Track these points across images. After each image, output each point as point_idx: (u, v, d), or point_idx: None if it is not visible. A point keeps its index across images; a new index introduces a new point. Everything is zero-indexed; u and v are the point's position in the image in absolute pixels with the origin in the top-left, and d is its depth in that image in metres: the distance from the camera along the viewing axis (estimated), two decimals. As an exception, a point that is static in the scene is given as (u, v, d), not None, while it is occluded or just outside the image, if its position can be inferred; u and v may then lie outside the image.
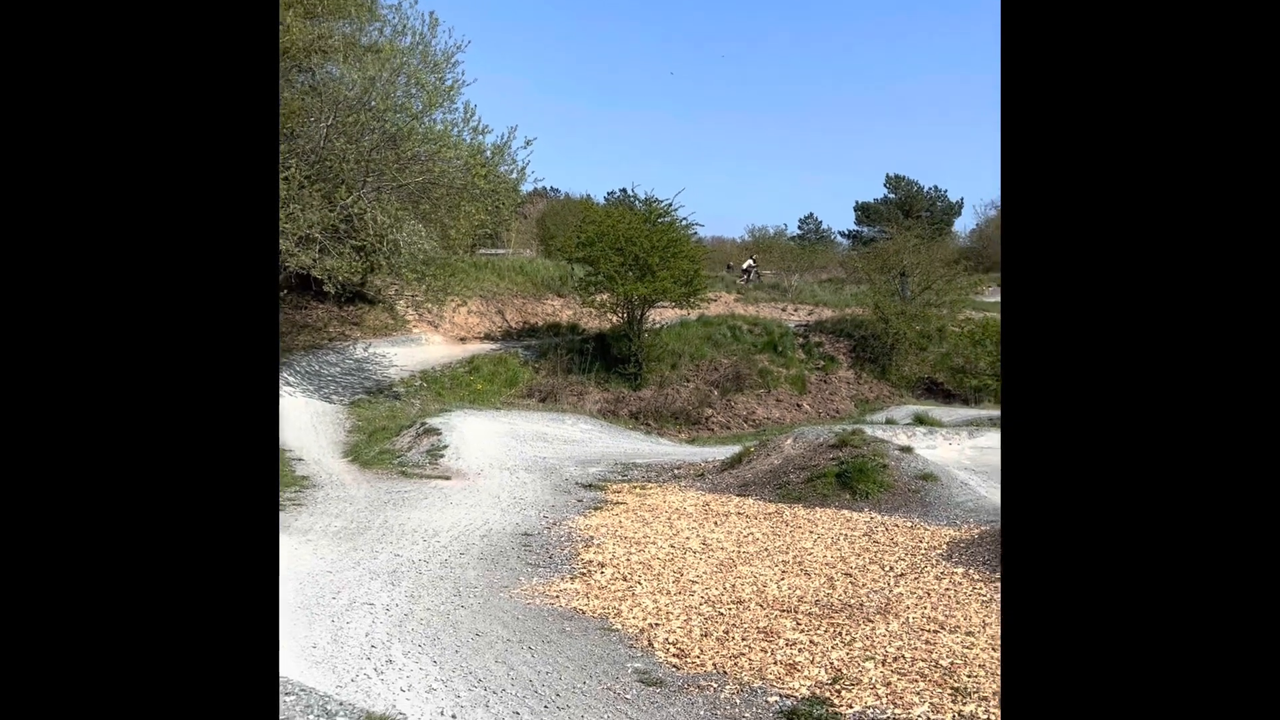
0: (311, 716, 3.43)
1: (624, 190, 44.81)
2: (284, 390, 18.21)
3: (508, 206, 21.83)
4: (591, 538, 9.38)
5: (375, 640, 6.03)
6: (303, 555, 8.22)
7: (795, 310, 28.49)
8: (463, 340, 23.69)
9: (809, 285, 32.30)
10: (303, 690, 3.76)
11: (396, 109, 18.60)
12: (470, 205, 19.70)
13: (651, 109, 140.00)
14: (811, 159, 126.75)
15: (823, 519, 10.31)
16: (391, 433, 15.64)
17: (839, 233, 60.57)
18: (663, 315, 24.17)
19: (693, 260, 23.21)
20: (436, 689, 5.26)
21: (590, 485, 12.67)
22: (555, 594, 7.36)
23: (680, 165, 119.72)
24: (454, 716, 4.84)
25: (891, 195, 58.12)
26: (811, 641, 6.19)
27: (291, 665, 4.77)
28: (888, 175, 60.34)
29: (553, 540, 9.30)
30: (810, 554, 8.72)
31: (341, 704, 3.64)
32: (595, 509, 11.01)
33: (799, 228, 59.55)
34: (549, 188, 48.84)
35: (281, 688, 3.78)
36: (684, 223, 23.83)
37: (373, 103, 18.13)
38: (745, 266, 35.26)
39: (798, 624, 6.58)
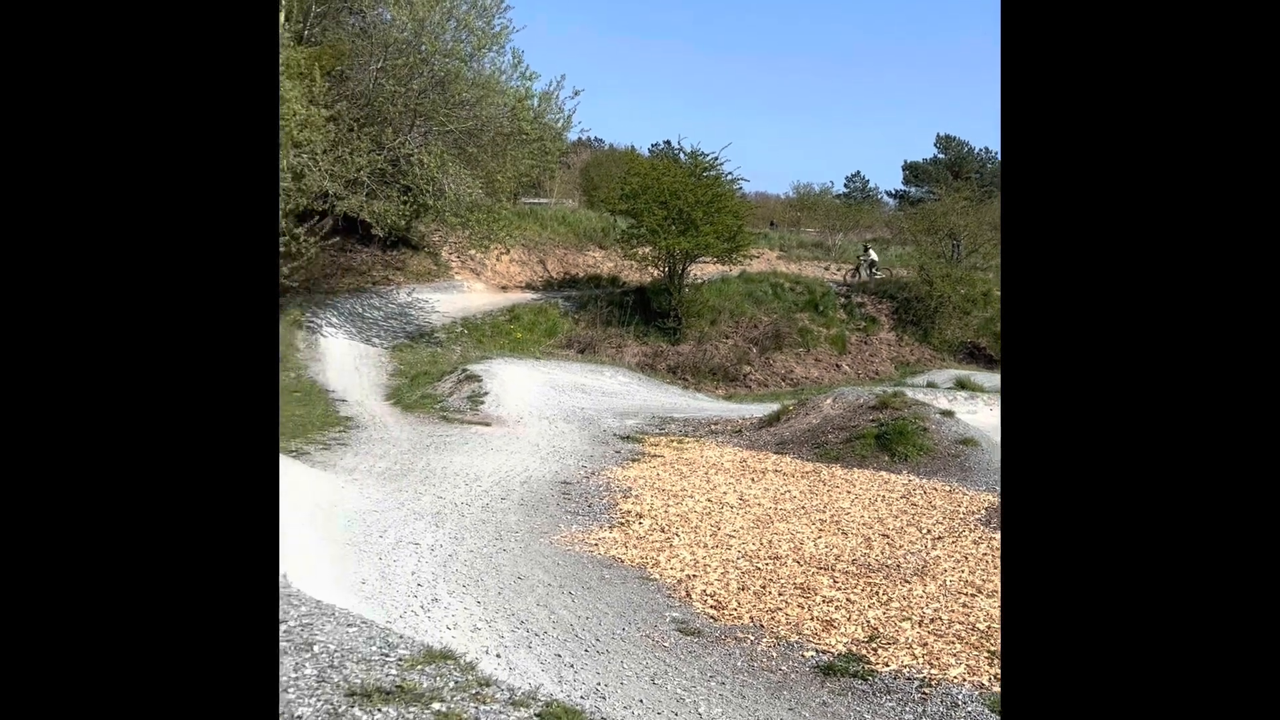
0: (374, 647, 3.54)
1: (668, 143, 44.39)
2: (328, 332, 18.46)
3: (553, 155, 21.76)
4: (629, 489, 9.48)
5: (421, 579, 6.17)
6: (349, 494, 8.39)
7: (838, 269, 28.23)
8: (504, 289, 23.79)
9: (853, 244, 31.94)
10: (364, 623, 3.89)
11: (445, 53, 18.53)
12: (516, 152, 19.65)
13: (702, 58, 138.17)
14: (861, 117, 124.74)
15: (861, 479, 10.32)
16: (433, 378, 15.82)
17: (886, 192, 59.69)
18: (704, 270, 24.05)
19: (736, 216, 23.00)
20: (481, 629, 5.39)
21: (628, 437, 12.76)
22: (594, 542, 7.47)
23: (726, 119, 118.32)
24: (498, 655, 4.97)
25: (941, 155, 57.09)
26: (848, 600, 6.24)
27: (343, 599, 4.90)
28: (938, 135, 59.22)
29: (591, 490, 9.41)
30: (848, 514, 8.75)
31: (401, 637, 3.75)
32: (633, 461, 11.11)
33: (845, 186, 58.78)
34: (594, 138, 48.45)
35: (344, 619, 3.91)
36: (729, 177, 23.60)
37: (422, 46, 18.07)
38: (861, 258, 27.37)
39: (834, 582, 6.63)
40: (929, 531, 8.18)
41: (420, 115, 18.69)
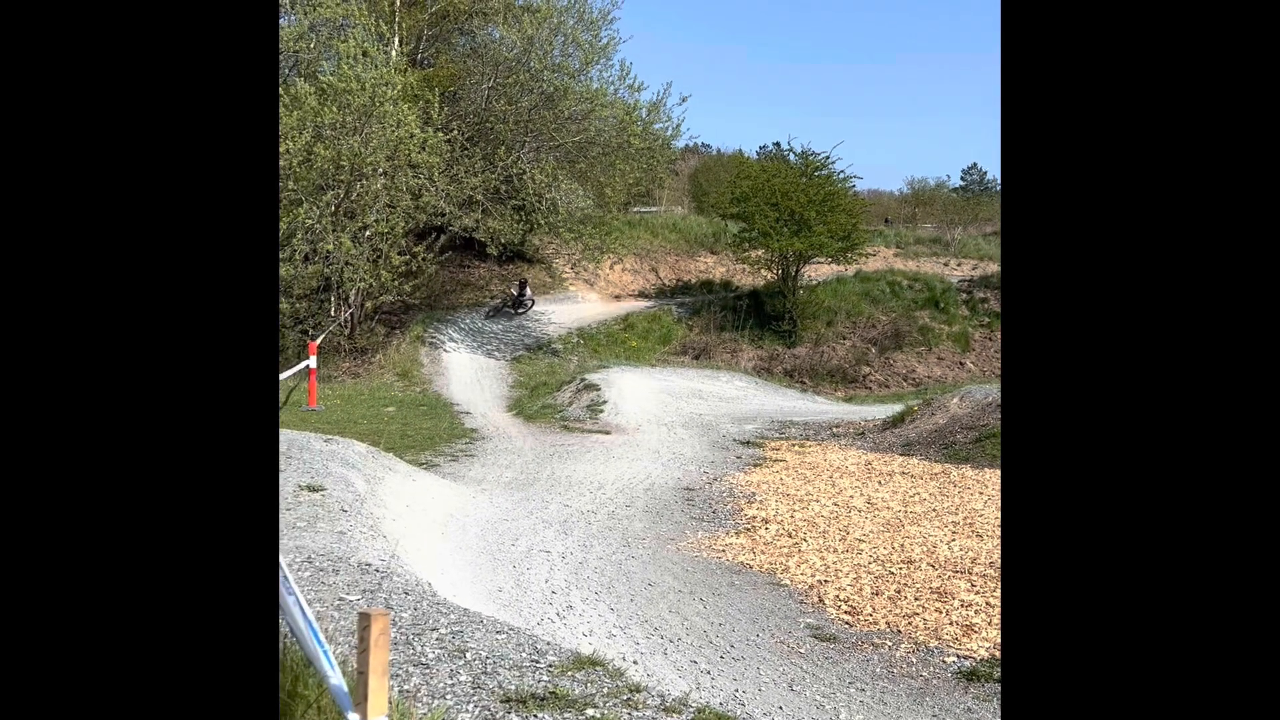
0: (524, 653, 3.62)
1: (777, 144, 43.97)
2: (449, 346, 18.99)
3: (661, 163, 21.83)
4: (753, 494, 9.42)
5: (555, 586, 6.27)
6: (480, 504, 8.61)
7: (958, 265, 27.43)
8: (617, 298, 23.99)
9: (972, 239, 30.94)
10: (512, 630, 3.98)
11: (554, 68, 18.83)
12: (625, 164, 19.80)
13: (807, 59, 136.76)
14: (976, 107, 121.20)
15: (993, 480, 9.99)
16: (552, 388, 16.07)
17: (1004, 183, 57.57)
18: (818, 271, 23.72)
19: (851, 214, 22.56)
20: (616, 635, 5.43)
21: (748, 442, 12.68)
22: (721, 548, 7.44)
23: (836, 117, 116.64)
24: (635, 662, 5.00)
25: (1061, 142, 54.77)
26: (988, 604, 6.05)
27: (483, 606, 5.03)
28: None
29: (714, 495, 9.38)
30: (981, 515, 8.48)
31: (549, 643, 3.83)
32: (755, 466, 11.03)
33: (961, 179, 57.05)
34: (701, 143, 48.39)
35: (492, 626, 4.01)
36: (841, 175, 23.19)
37: (531, 63, 18.41)
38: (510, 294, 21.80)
39: (972, 585, 6.44)
40: (1070, 533, 7.86)
41: (530, 132, 19.04)
